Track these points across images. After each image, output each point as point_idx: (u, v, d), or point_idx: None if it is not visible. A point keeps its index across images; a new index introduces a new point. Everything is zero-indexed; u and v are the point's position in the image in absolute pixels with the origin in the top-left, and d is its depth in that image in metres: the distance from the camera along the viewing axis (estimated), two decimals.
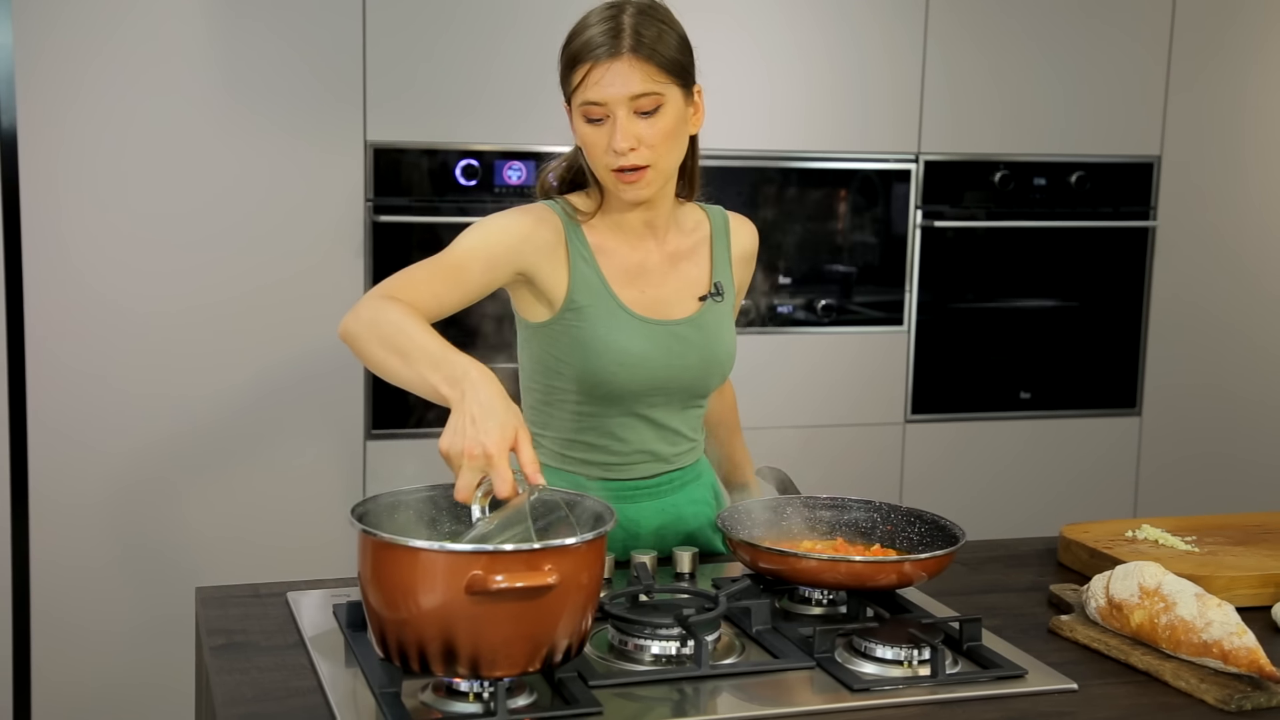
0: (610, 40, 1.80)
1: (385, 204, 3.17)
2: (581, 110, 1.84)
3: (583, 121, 1.84)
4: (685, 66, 1.87)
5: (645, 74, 1.81)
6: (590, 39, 1.81)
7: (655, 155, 1.83)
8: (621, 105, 1.81)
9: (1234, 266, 3.86)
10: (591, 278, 1.91)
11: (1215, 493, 3.89)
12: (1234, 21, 3.75)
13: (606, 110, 1.81)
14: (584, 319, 1.90)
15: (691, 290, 1.98)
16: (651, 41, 1.81)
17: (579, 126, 1.86)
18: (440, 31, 3.16)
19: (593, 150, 1.85)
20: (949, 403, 3.64)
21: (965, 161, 3.57)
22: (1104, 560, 1.97)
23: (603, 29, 1.81)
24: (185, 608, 3.00)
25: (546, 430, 2.00)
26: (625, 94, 1.80)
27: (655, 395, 1.95)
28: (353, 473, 3.23)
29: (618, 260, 1.94)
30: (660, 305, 1.95)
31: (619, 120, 1.81)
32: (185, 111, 3.04)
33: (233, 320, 3.11)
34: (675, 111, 1.85)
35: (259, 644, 1.67)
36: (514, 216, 1.91)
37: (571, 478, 1.98)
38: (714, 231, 2.03)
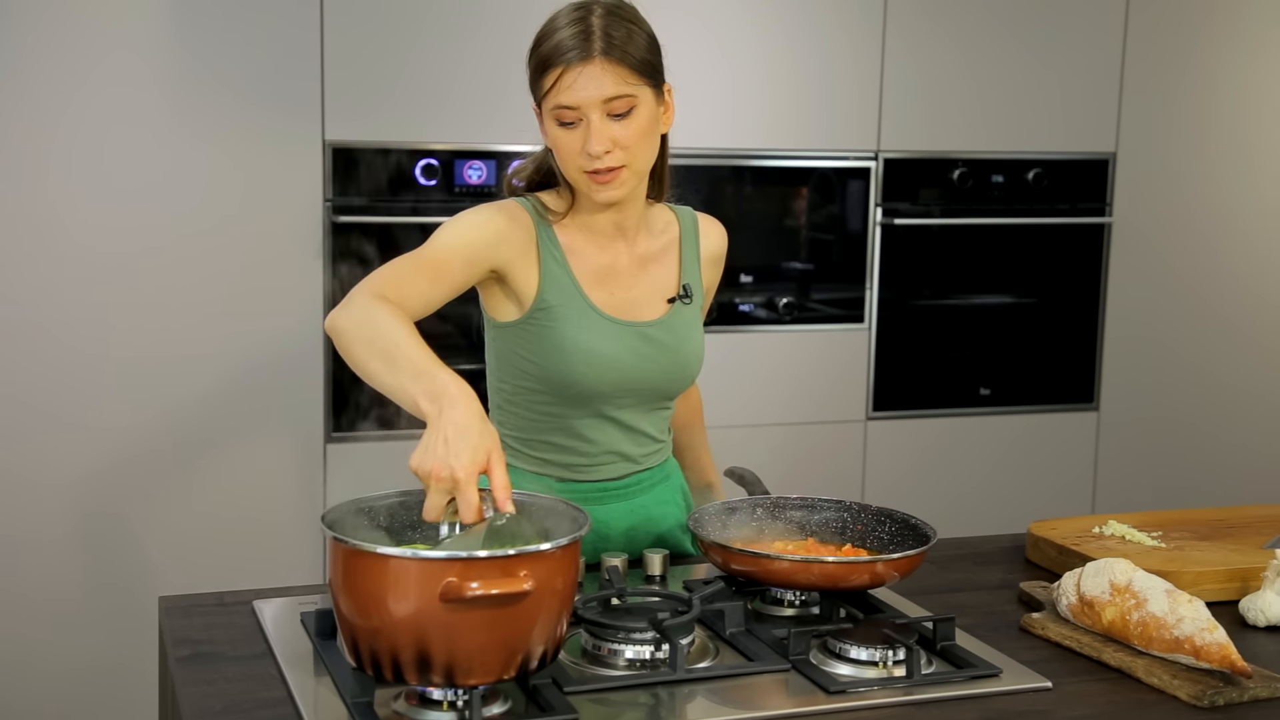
0: (581, 43, 1.78)
1: (344, 204, 3.14)
2: (554, 114, 1.82)
3: (555, 125, 1.83)
4: (655, 66, 1.86)
5: (617, 76, 1.79)
6: (560, 42, 1.80)
7: (629, 156, 1.83)
8: (595, 108, 1.79)
9: (1190, 262, 3.89)
10: (562, 278, 1.90)
11: (1173, 487, 3.92)
12: (1186, 19, 3.78)
13: (579, 114, 1.80)
14: (554, 319, 1.89)
15: (660, 292, 1.98)
16: (622, 43, 1.80)
17: (551, 130, 1.85)
18: (399, 30, 3.13)
19: (565, 153, 1.84)
20: (910, 400, 3.65)
21: (924, 159, 3.58)
22: (1072, 557, 1.97)
23: (572, 32, 1.80)
24: (148, 618, 2.96)
25: (513, 430, 1.99)
26: (598, 97, 1.79)
27: (624, 396, 1.94)
28: (312, 476, 3.19)
29: (588, 261, 1.93)
30: (629, 307, 1.94)
31: (593, 124, 1.80)
32: (137, 111, 3.00)
33: (190, 323, 3.07)
34: (648, 112, 1.84)
35: (226, 654, 1.65)
36: (489, 212, 1.90)
37: (540, 479, 1.97)
38: (683, 233, 2.03)
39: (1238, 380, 3.99)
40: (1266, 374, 4.01)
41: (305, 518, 3.18)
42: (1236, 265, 3.94)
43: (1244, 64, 3.85)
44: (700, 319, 2.04)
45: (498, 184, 3.22)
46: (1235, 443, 4.01)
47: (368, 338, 1.66)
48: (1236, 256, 3.94)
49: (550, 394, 1.92)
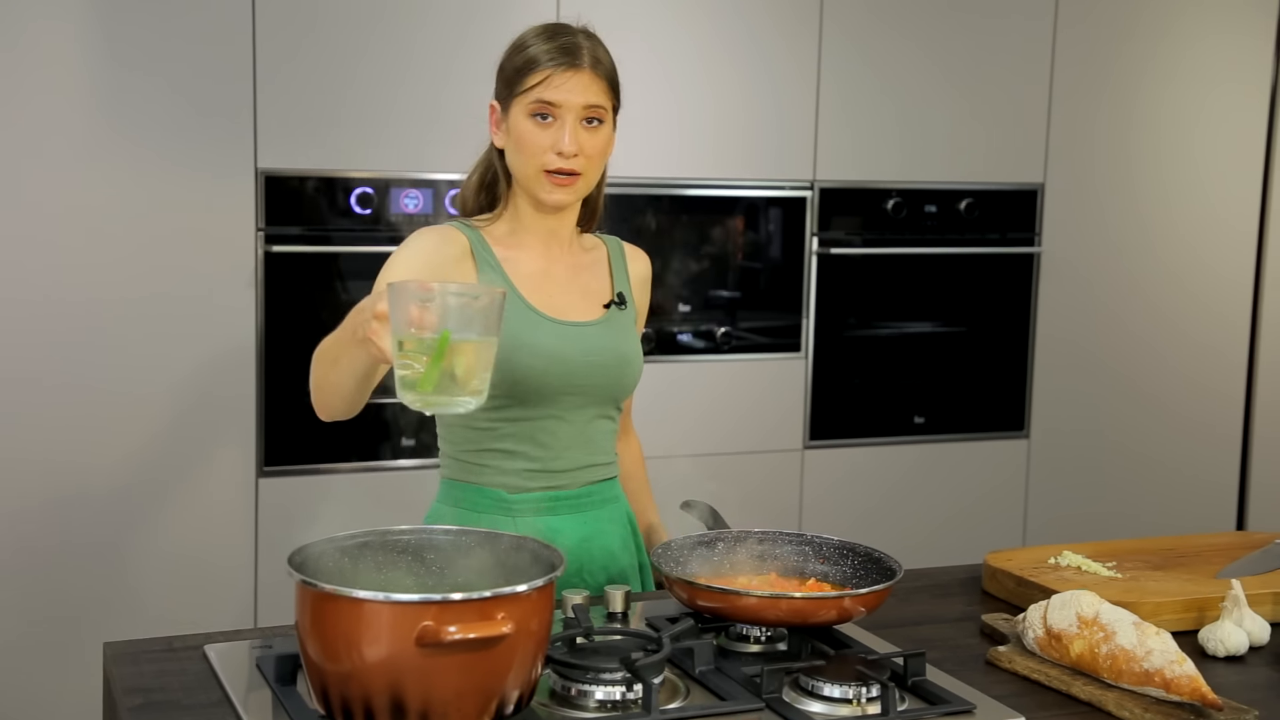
0: (573, 52, 1.93)
1: (278, 233, 3.08)
2: (532, 108, 1.92)
3: (527, 119, 1.93)
4: (619, 91, 2.02)
5: (599, 89, 1.94)
6: (552, 48, 1.93)
7: (588, 165, 1.95)
8: (573, 112, 1.92)
9: (1116, 290, 3.95)
10: (499, 282, 1.97)
11: (1102, 513, 3.97)
12: (1112, 53, 3.85)
13: (559, 113, 1.92)
14: None
15: (595, 299, 2.05)
16: (604, 60, 1.97)
17: (520, 125, 1.93)
18: (333, 57, 3.09)
19: (531, 147, 1.93)
20: (846, 428, 3.66)
21: (859, 189, 3.60)
22: (1031, 588, 1.97)
23: (562, 42, 1.94)
24: (84, 662, 2.87)
25: (463, 445, 2.01)
26: (581, 102, 1.92)
27: (573, 395, 1.98)
28: (244, 512, 3.12)
29: (524, 267, 2.00)
30: (567, 309, 2.01)
31: (568, 125, 1.92)
32: (62, 138, 2.92)
33: (119, 356, 2.99)
34: (609, 130, 1.99)
35: (180, 702, 1.59)
36: (419, 241, 1.98)
37: (493, 493, 1.98)
38: (611, 254, 2.12)
39: (1165, 407, 4.05)
40: (1193, 401, 4.08)
41: (238, 555, 3.11)
42: (1162, 293, 4.01)
43: (1165, 97, 3.93)
44: (634, 328, 2.09)
45: (434, 212, 3.19)
46: (1164, 469, 4.07)
47: (319, 380, 1.84)
48: (1161, 285, 4.01)
49: (503, 396, 1.94)
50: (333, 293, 3.14)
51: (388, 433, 3.20)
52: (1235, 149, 4.03)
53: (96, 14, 2.91)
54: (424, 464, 3.23)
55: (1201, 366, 4.09)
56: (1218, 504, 4.16)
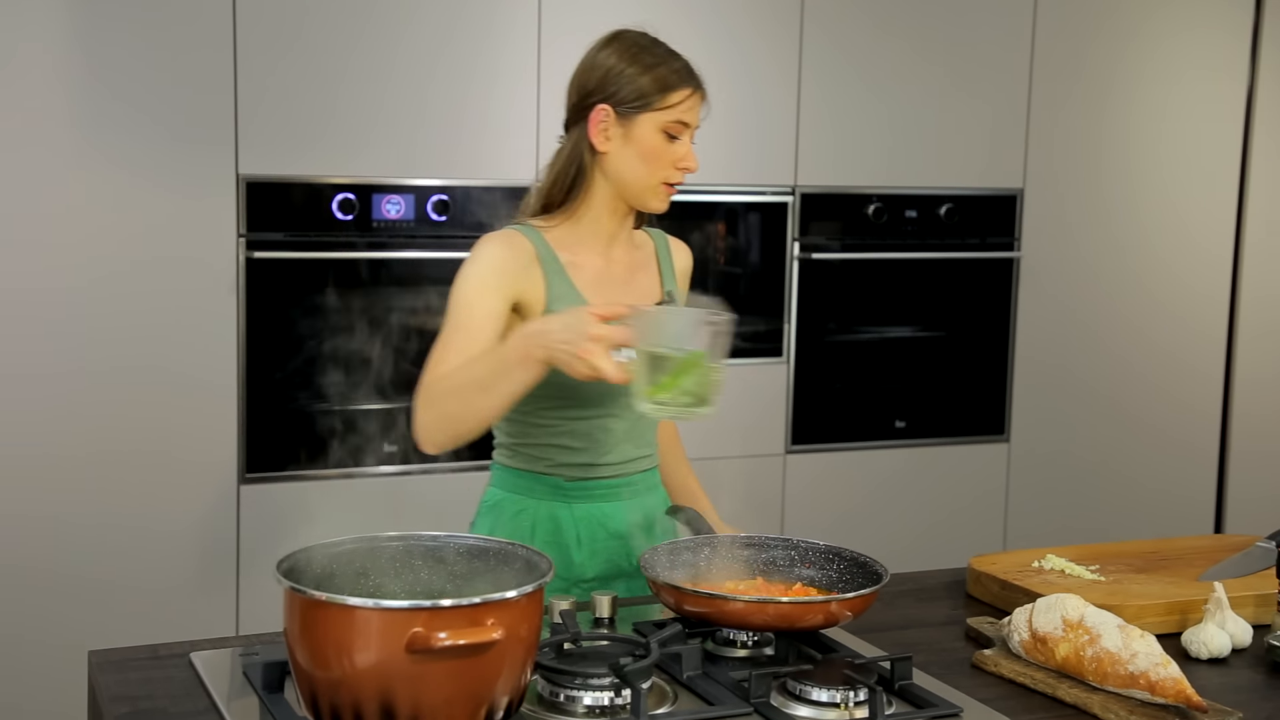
0: (695, 74, 2.02)
1: (259, 239, 3.07)
2: (668, 126, 1.99)
3: (658, 133, 1.99)
4: None
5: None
6: (682, 69, 2.01)
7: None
8: (692, 131, 2.03)
9: (1095, 294, 3.97)
10: (565, 288, 2.00)
11: (1082, 515, 3.99)
12: (1091, 59, 3.87)
13: (686, 132, 2.01)
14: None
15: (647, 297, 2.10)
16: None
17: (650, 137, 1.99)
18: (314, 62, 3.08)
19: (660, 162, 2.00)
20: (828, 433, 3.67)
21: (840, 194, 3.62)
22: (1015, 592, 1.98)
23: (685, 63, 2.02)
24: (70, 671, 2.85)
25: (522, 439, 2.06)
26: (699, 121, 2.04)
27: (627, 395, 1.96)
28: (226, 518, 3.11)
29: (585, 270, 2.04)
30: None
31: (689, 144, 2.02)
32: (43, 143, 2.91)
33: (101, 362, 2.98)
34: None
35: (168, 710, 1.58)
36: (487, 252, 1.99)
37: (551, 480, 2.05)
38: (658, 249, 2.17)
39: (1144, 410, 4.07)
40: (1171, 404, 4.11)
41: (220, 561, 3.10)
42: (1140, 296, 4.03)
43: (1143, 103, 3.96)
44: None
45: (415, 219, 3.18)
46: (1142, 472, 4.09)
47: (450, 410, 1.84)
48: (1140, 288, 4.03)
49: (562, 398, 2.00)
50: (315, 299, 3.14)
51: (369, 439, 3.20)
52: (1213, 154, 4.06)
53: (77, 21, 2.90)
54: (406, 470, 3.23)
55: (1179, 370, 4.11)
56: (1195, 506, 4.18)
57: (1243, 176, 4.13)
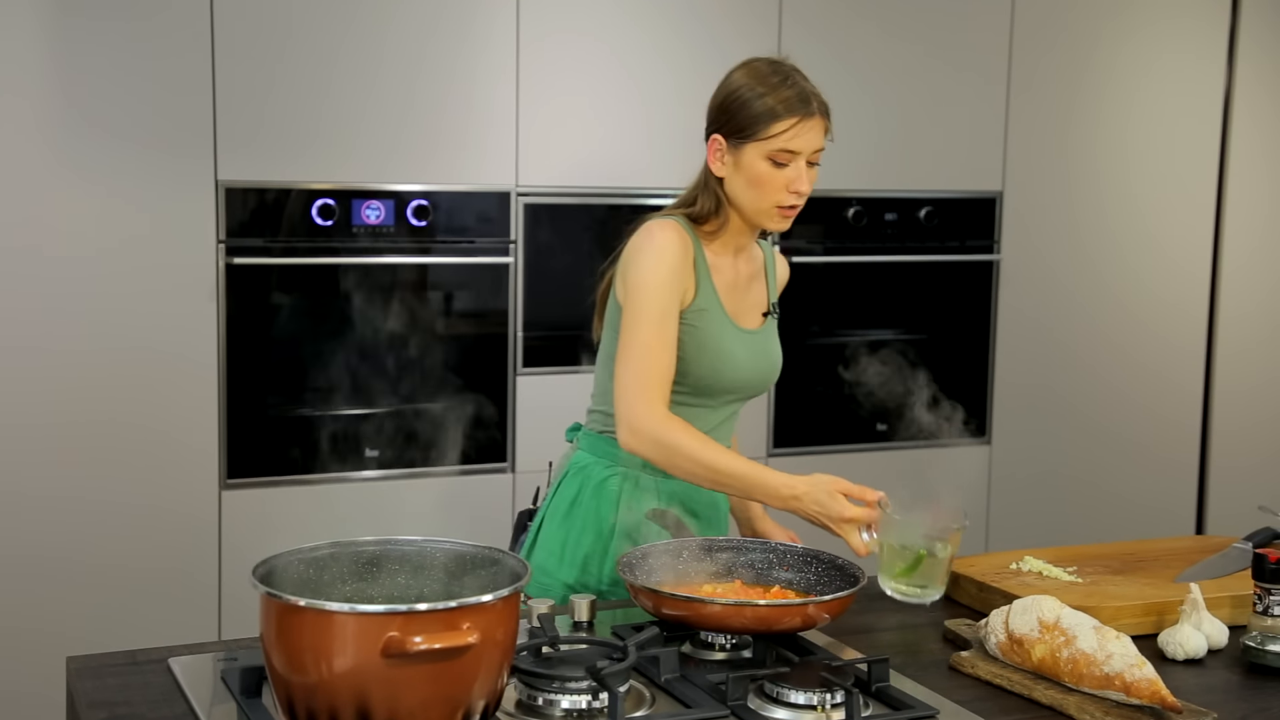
0: (808, 100, 2.06)
1: (239, 245, 3.07)
2: (773, 155, 2.05)
3: (766, 163, 2.05)
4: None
5: (823, 131, 2.08)
6: (793, 96, 2.05)
7: (804, 199, 2.10)
8: (806, 156, 2.06)
9: (1075, 296, 3.99)
10: (708, 288, 2.12)
11: (1063, 517, 4.00)
12: (1068, 61, 3.89)
13: (795, 158, 2.05)
14: (703, 321, 2.10)
15: (759, 306, 2.23)
16: (825, 103, 2.09)
17: (757, 166, 2.05)
18: (292, 67, 3.08)
19: (770, 188, 2.06)
20: (809, 436, 3.68)
21: (819, 197, 3.62)
22: (993, 594, 1.99)
23: (797, 90, 2.05)
24: (49, 676, 2.84)
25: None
26: (814, 147, 2.07)
27: (729, 392, 2.17)
28: (208, 524, 3.10)
29: (724, 276, 2.16)
30: (742, 316, 2.19)
31: (803, 169, 2.06)
32: (18, 149, 2.90)
33: (81, 368, 2.98)
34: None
35: (145, 715, 1.58)
36: (664, 244, 2.06)
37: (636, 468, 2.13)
38: (766, 261, 2.28)
39: (1125, 412, 4.09)
40: (1153, 406, 4.12)
41: (201, 567, 3.09)
42: (1120, 298, 4.05)
43: (1121, 105, 3.97)
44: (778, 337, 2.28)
45: (395, 224, 3.18)
46: (1123, 474, 4.10)
47: (686, 468, 2.01)
48: (1119, 289, 4.05)
49: (678, 384, 2.09)
50: (295, 305, 3.14)
51: (351, 444, 3.20)
52: (1191, 154, 4.08)
53: (55, 28, 2.89)
54: (387, 474, 3.22)
55: (1160, 369, 4.13)
56: (1176, 504, 4.20)
57: (1221, 175, 4.15)
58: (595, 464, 2.15)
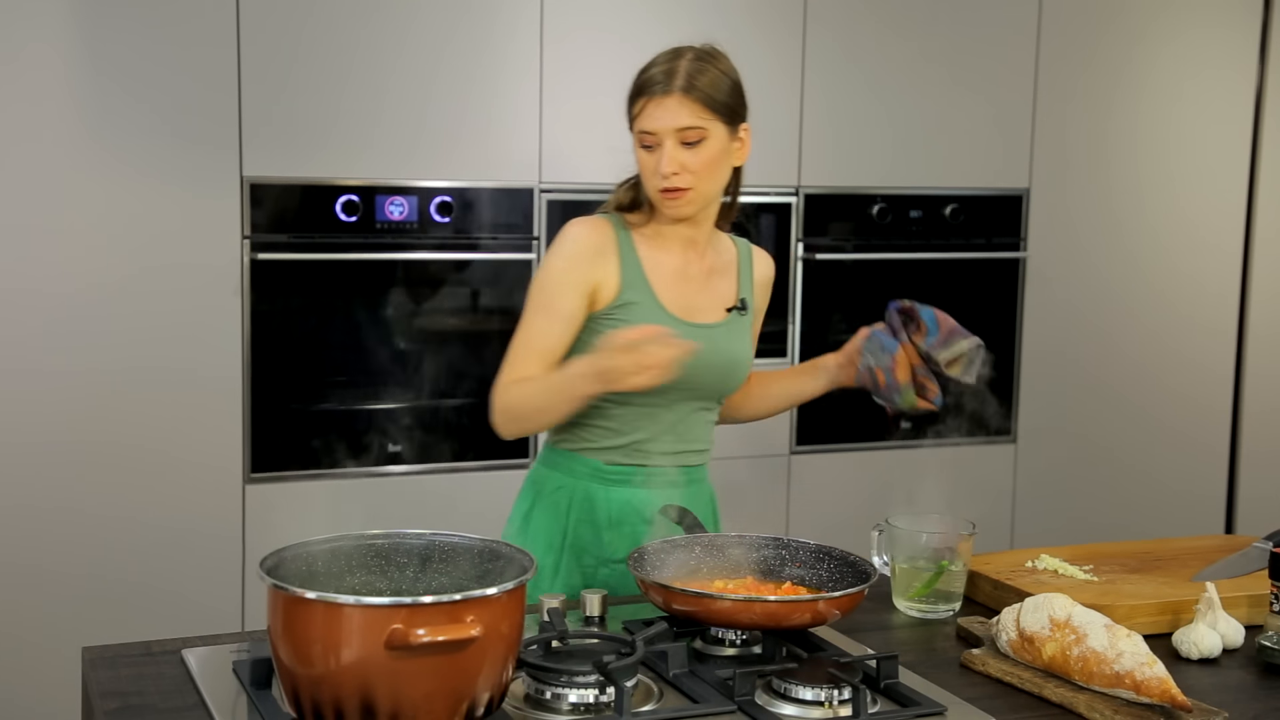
0: (665, 79, 2.04)
1: (264, 241, 3.09)
2: (638, 138, 2.08)
3: (639, 147, 2.08)
4: (732, 107, 2.09)
5: (690, 111, 2.03)
6: (650, 76, 2.06)
7: (696, 180, 2.06)
8: (669, 135, 2.04)
9: (1102, 294, 3.96)
10: (637, 278, 2.10)
11: (1089, 517, 3.98)
12: (1096, 58, 3.86)
13: (656, 139, 2.04)
14: (629, 314, 2.08)
15: (721, 302, 2.17)
16: (701, 84, 2.04)
17: (636, 151, 2.09)
18: (317, 65, 3.10)
19: (644, 172, 2.09)
20: (833, 433, 3.67)
21: (844, 194, 3.62)
22: (1008, 591, 1.98)
23: (661, 69, 2.06)
24: (67, 668, 2.87)
25: (571, 420, 2.12)
26: (671, 126, 2.03)
27: (679, 390, 2.08)
28: (231, 517, 3.13)
29: (663, 268, 2.13)
30: (694, 310, 2.14)
31: (665, 148, 2.04)
32: (49, 146, 2.93)
33: (107, 363, 3.00)
34: (717, 145, 2.07)
35: (157, 706, 1.59)
36: (575, 232, 2.10)
37: (591, 462, 2.12)
38: (740, 257, 2.24)
39: (1152, 410, 4.06)
40: (1180, 404, 4.09)
41: (224, 560, 3.12)
42: (1148, 297, 4.02)
43: (1149, 102, 3.95)
44: (751, 333, 2.23)
45: (419, 220, 3.20)
46: (1150, 473, 4.08)
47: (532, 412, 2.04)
48: (1147, 288, 4.02)
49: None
50: (319, 300, 3.15)
51: (373, 439, 3.21)
52: (1221, 152, 4.05)
53: (81, 25, 2.92)
54: (410, 470, 3.24)
55: (1189, 370, 4.10)
56: (1205, 507, 4.17)
57: (1252, 174, 4.11)
58: (548, 476, 2.16)
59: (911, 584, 2.00)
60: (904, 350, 2.13)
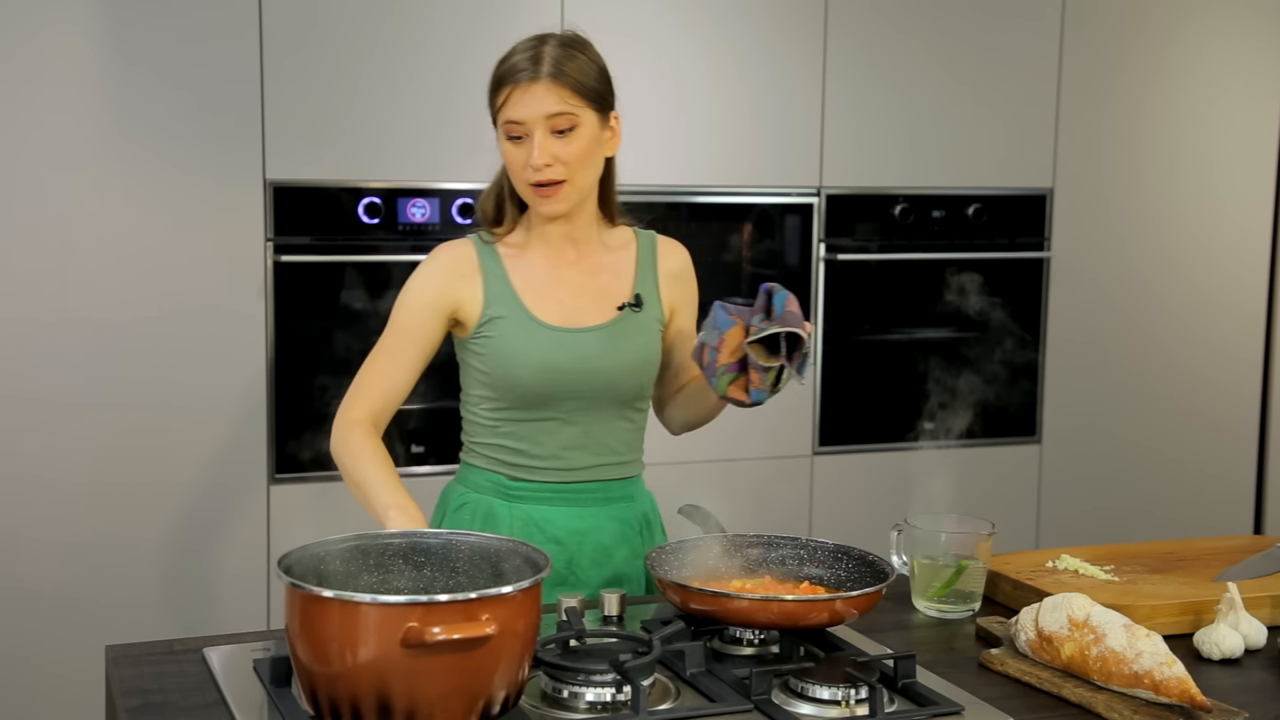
0: (530, 66, 1.96)
1: (287, 243, 3.11)
2: (504, 129, 1.98)
3: (505, 140, 1.99)
4: (601, 93, 2.01)
5: (559, 96, 1.95)
6: (514, 64, 1.97)
7: (570, 172, 1.97)
8: (538, 124, 1.95)
9: (1127, 294, 3.94)
10: (504, 293, 2.03)
11: (1115, 518, 3.96)
12: (1121, 55, 3.84)
13: (525, 129, 1.96)
14: (497, 329, 2.02)
15: (610, 300, 2.07)
16: (568, 69, 1.96)
17: (501, 144, 2.00)
18: (340, 67, 3.11)
19: (513, 166, 1.99)
20: (855, 434, 3.66)
21: (866, 195, 3.61)
22: (1027, 592, 1.98)
23: (525, 56, 1.97)
24: (91, 666, 2.89)
25: (476, 435, 2.09)
26: (540, 114, 1.94)
27: (568, 400, 2.03)
28: (256, 518, 3.14)
29: (532, 274, 2.05)
30: (574, 314, 2.05)
31: (535, 138, 1.95)
32: (73, 149, 2.95)
33: (130, 364, 3.02)
34: (589, 133, 1.98)
35: (178, 704, 1.61)
36: (429, 263, 2.06)
37: (495, 477, 2.06)
38: (640, 251, 2.14)
39: (1178, 411, 4.04)
40: (1207, 405, 4.07)
41: (249, 560, 3.13)
42: (1173, 297, 4.00)
43: (1174, 99, 3.92)
44: (655, 330, 2.11)
45: (441, 222, 3.21)
46: (1176, 474, 4.05)
47: (345, 469, 1.99)
48: (1173, 288, 4.00)
49: (499, 399, 2.04)
50: (342, 301, 3.17)
51: (397, 441, 3.22)
52: (1247, 150, 4.02)
53: (104, 26, 2.94)
54: (434, 470, 3.25)
55: (1215, 371, 4.07)
56: (1234, 508, 4.14)
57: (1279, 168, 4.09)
58: (454, 490, 2.12)
59: (931, 584, 1.99)
60: (738, 331, 1.90)
